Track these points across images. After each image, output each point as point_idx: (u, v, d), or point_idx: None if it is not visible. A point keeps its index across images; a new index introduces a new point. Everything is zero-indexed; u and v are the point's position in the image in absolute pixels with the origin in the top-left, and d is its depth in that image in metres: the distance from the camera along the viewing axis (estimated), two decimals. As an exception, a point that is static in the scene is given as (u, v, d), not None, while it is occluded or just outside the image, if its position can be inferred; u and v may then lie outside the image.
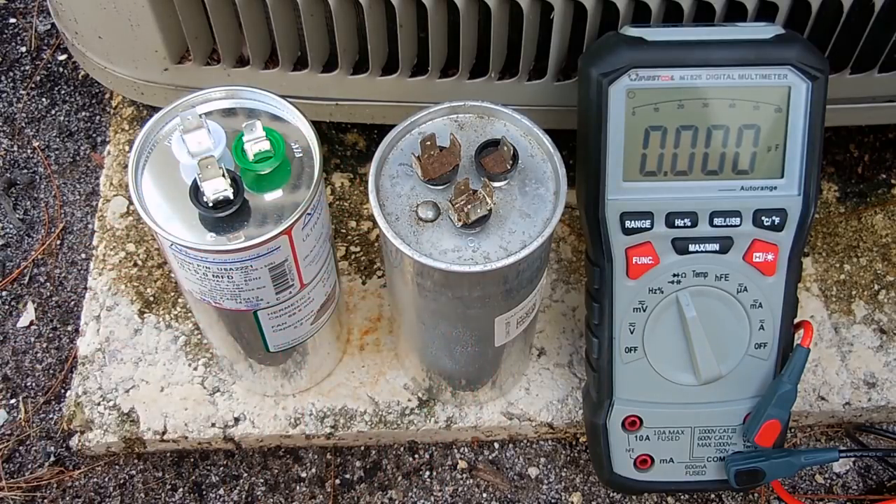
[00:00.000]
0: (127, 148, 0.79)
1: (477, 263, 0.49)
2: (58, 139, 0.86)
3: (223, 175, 0.48)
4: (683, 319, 0.57)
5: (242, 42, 0.64)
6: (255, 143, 0.50)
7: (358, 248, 0.74)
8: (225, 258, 0.49)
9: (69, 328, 0.77)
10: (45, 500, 0.70)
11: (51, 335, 0.77)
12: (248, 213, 0.50)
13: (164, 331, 0.71)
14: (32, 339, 0.77)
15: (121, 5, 0.61)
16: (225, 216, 0.49)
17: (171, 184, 0.50)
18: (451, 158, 0.50)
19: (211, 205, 0.48)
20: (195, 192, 0.49)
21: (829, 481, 0.72)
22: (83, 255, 0.80)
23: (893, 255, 0.75)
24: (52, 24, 0.93)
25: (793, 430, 0.73)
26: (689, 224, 0.56)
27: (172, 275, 0.70)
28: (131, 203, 0.76)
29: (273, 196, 0.51)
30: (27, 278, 0.80)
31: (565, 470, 0.71)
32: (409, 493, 0.70)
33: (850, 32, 0.60)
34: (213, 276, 0.51)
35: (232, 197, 0.49)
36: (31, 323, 0.77)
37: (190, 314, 0.71)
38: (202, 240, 0.49)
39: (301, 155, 0.52)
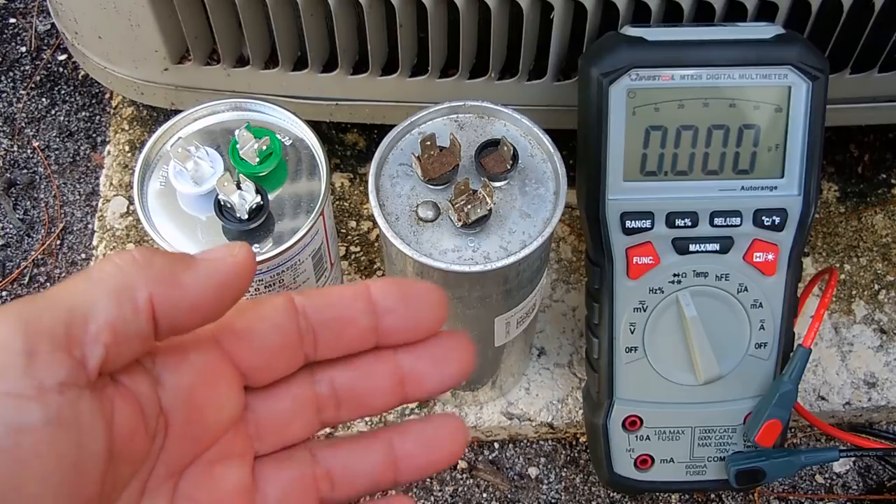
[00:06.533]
0: (127, 148, 0.79)
1: (477, 263, 0.49)
2: (58, 139, 0.86)
3: (241, 185, 0.48)
4: (684, 319, 0.57)
5: (242, 42, 0.64)
6: (252, 145, 0.50)
7: (358, 248, 0.74)
8: (280, 260, 0.50)
9: (69, 328, 0.77)
10: (45, 501, 0.70)
11: (51, 335, 0.77)
12: (271, 216, 0.51)
13: (164, 331, 0.71)
14: (32, 340, 0.77)
15: (121, 5, 0.61)
16: (261, 223, 0.50)
17: (181, 219, 0.50)
18: (451, 158, 0.50)
19: (246, 216, 0.49)
20: (222, 210, 0.49)
21: (829, 481, 0.72)
22: (83, 255, 0.80)
23: (893, 255, 0.75)
24: (52, 24, 0.93)
25: (793, 430, 0.73)
26: (689, 224, 0.56)
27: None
28: (131, 203, 0.76)
29: (280, 192, 0.51)
30: (27, 278, 0.80)
31: (565, 470, 0.71)
32: (409, 493, 0.70)
33: (850, 32, 0.60)
34: (266, 287, 0.51)
35: (262, 202, 0.49)
36: (31, 323, 0.77)
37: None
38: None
39: (290, 143, 0.53)
